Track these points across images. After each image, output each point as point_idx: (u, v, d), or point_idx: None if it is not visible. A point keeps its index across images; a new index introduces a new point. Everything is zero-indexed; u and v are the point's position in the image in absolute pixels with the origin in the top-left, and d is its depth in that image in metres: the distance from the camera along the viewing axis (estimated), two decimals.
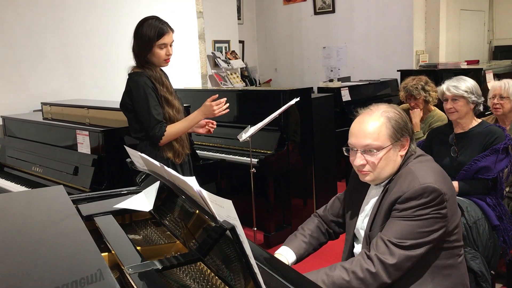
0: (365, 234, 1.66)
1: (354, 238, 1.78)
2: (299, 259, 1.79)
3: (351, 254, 1.78)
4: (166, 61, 2.54)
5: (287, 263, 1.69)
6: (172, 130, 2.47)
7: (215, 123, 2.73)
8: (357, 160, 1.62)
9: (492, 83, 3.06)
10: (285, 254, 1.76)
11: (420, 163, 1.63)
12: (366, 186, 1.75)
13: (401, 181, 1.58)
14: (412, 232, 1.50)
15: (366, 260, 1.50)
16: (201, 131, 2.73)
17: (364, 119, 1.63)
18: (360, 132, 1.61)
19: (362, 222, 1.72)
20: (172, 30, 2.53)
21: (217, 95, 2.59)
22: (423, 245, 1.51)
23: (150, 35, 2.45)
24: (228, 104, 2.58)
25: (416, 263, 1.53)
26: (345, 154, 1.69)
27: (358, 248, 1.75)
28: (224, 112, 2.58)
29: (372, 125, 1.60)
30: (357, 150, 1.62)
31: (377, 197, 1.67)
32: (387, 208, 1.58)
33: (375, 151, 1.59)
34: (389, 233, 1.52)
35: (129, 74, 2.53)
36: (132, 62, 2.55)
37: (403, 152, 1.64)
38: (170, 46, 2.53)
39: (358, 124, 1.64)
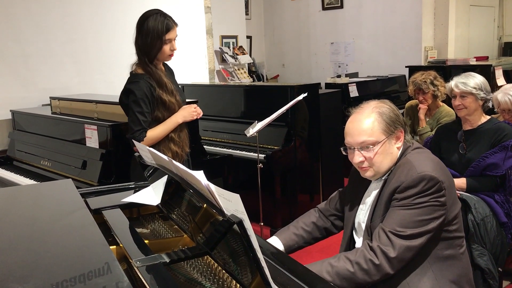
0: (366, 226, 1.69)
1: (355, 231, 1.80)
2: (287, 250, 1.81)
3: (348, 247, 1.80)
4: (170, 55, 2.52)
5: None
6: (151, 134, 2.44)
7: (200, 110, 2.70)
8: (356, 157, 1.66)
9: (496, 96, 2.88)
10: (273, 244, 1.75)
11: (418, 153, 1.67)
12: (366, 181, 1.77)
13: (400, 171, 1.62)
14: (412, 221, 1.53)
15: (369, 252, 1.53)
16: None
17: (356, 118, 1.68)
18: (354, 130, 1.66)
19: (364, 216, 1.74)
20: (176, 24, 2.51)
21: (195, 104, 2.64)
22: (423, 234, 1.53)
23: (157, 30, 2.41)
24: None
25: (417, 253, 1.55)
26: (343, 153, 1.74)
27: (359, 242, 1.76)
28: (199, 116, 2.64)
29: (365, 122, 1.65)
30: (354, 148, 1.66)
31: (377, 190, 1.70)
32: (386, 198, 1.62)
33: (371, 146, 1.63)
34: (390, 223, 1.55)
35: (130, 73, 2.50)
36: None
37: (399, 144, 1.68)
38: (174, 40, 2.51)
39: (352, 123, 1.68)
